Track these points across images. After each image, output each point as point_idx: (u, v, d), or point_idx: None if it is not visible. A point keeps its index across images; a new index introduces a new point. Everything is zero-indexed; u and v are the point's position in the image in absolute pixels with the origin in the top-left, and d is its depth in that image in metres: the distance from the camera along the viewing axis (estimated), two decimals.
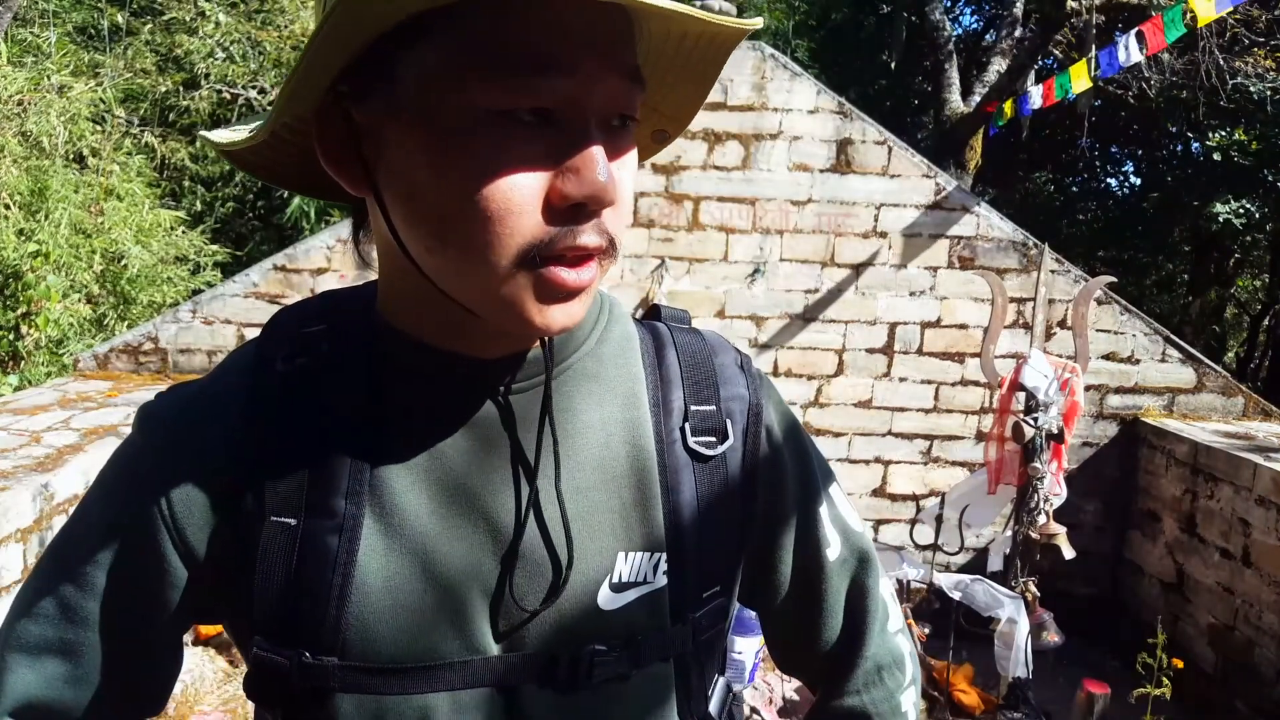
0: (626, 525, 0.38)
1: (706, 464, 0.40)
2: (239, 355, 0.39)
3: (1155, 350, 2.44)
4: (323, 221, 3.99)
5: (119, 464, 0.39)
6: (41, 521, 1.45)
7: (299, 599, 0.35)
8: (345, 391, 0.37)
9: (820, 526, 0.44)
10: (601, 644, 0.37)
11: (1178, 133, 6.00)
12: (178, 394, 0.39)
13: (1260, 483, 1.96)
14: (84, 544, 0.38)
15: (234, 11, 4.20)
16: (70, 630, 0.38)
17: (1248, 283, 7.23)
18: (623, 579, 0.38)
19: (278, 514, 0.35)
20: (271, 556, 0.35)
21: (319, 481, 0.35)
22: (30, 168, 2.98)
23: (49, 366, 2.84)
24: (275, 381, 0.37)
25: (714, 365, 0.42)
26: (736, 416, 0.41)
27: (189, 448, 0.37)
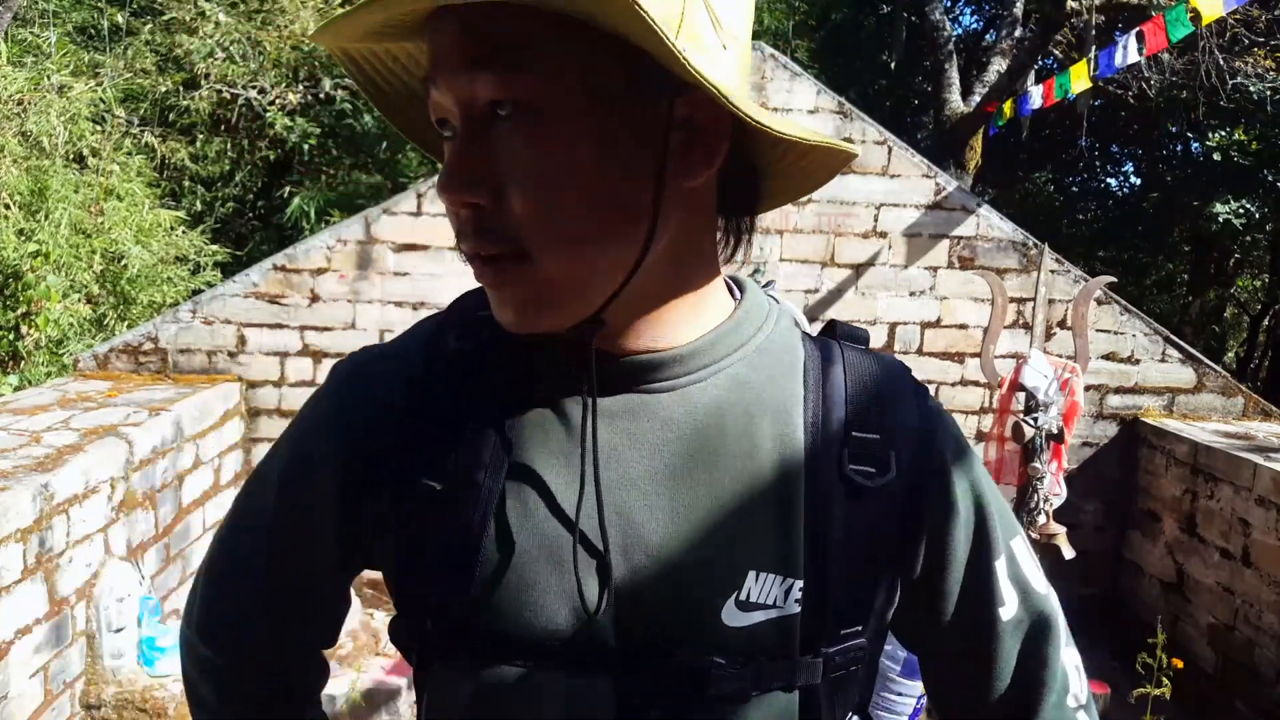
0: (761, 544, 0.37)
1: (862, 495, 0.38)
2: (421, 326, 0.42)
3: (1155, 350, 2.44)
4: (323, 221, 3.99)
5: (306, 411, 0.43)
6: (41, 521, 1.45)
7: (433, 560, 0.37)
8: (498, 374, 0.38)
9: (994, 581, 0.40)
10: (721, 657, 0.36)
11: (1178, 133, 6.00)
12: (366, 353, 0.42)
13: (1260, 483, 1.96)
14: (266, 480, 0.43)
15: (234, 11, 4.19)
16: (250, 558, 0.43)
17: (1247, 283, 7.23)
18: (750, 598, 0.37)
19: (427, 477, 0.37)
20: (414, 516, 0.38)
21: (465, 454, 0.37)
22: (30, 168, 2.98)
23: (49, 366, 2.84)
24: (444, 357, 0.39)
25: (884, 391, 0.39)
26: (902, 449, 0.38)
27: (361, 404, 0.40)
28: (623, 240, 0.34)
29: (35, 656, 1.45)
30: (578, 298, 0.35)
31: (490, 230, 0.33)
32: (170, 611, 1.96)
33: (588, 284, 0.34)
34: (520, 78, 0.31)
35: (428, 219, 2.35)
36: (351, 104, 4.38)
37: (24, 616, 1.42)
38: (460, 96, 0.32)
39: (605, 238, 0.34)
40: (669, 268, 0.37)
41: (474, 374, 0.38)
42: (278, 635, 0.44)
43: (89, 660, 1.62)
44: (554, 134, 0.32)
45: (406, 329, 0.42)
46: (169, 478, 1.94)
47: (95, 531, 1.64)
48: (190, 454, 2.05)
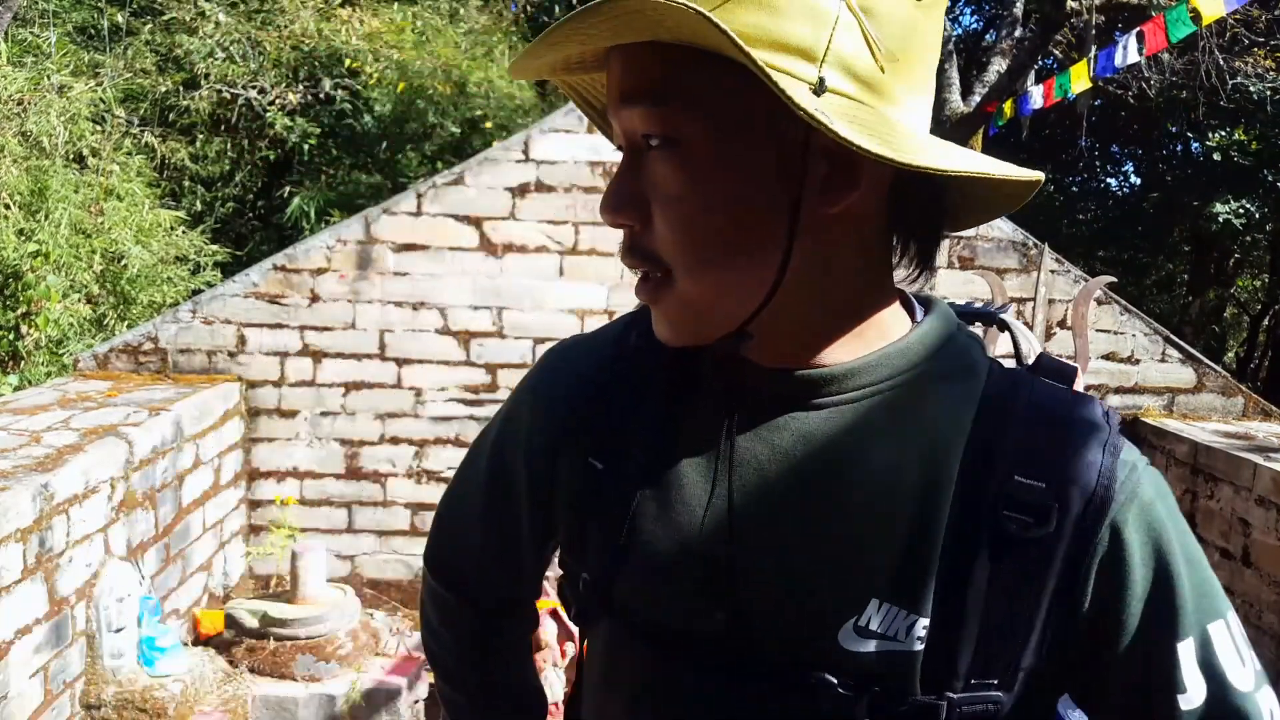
0: (889, 574, 0.36)
1: (1011, 544, 0.35)
2: (617, 322, 0.46)
3: (1155, 350, 2.44)
4: (323, 221, 3.99)
5: (518, 385, 0.49)
6: (41, 521, 1.45)
7: (586, 534, 0.42)
8: (666, 373, 0.41)
9: (1175, 667, 0.36)
10: (833, 677, 0.37)
11: (1177, 133, 6.00)
12: (574, 340, 0.47)
13: (1260, 483, 1.96)
14: (485, 441, 0.51)
15: (234, 12, 4.19)
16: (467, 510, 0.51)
17: (1247, 282, 7.23)
18: (870, 625, 0.36)
19: (592, 455, 0.42)
20: (576, 489, 0.42)
21: (627, 441, 0.41)
22: (30, 168, 2.98)
23: (49, 366, 2.84)
24: (627, 353, 0.43)
25: (1065, 436, 0.36)
26: (1070, 503, 0.35)
27: (557, 384, 0.45)
28: (756, 264, 0.35)
29: (35, 656, 1.45)
30: (716, 316, 0.37)
31: (639, 250, 0.37)
32: (170, 611, 1.96)
33: (723, 304, 0.36)
34: (662, 112, 0.34)
35: (428, 219, 2.35)
36: (351, 104, 4.38)
37: (24, 616, 1.42)
38: (622, 127, 0.36)
39: (738, 262, 0.35)
40: (819, 288, 0.37)
41: (646, 371, 0.42)
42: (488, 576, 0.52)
43: (89, 660, 1.62)
44: (691, 163, 0.34)
45: (613, 321, 0.47)
46: (169, 477, 1.95)
47: (95, 531, 1.64)
48: (190, 454, 2.05)
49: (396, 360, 2.38)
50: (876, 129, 0.32)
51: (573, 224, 2.37)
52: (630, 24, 0.32)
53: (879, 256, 0.38)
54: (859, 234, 0.37)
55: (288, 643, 1.94)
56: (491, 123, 4.30)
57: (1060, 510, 0.35)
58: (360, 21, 4.28)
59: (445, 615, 0.54)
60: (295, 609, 2.00)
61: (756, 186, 0.35)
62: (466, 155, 2.98)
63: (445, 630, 0.55)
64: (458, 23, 4.74)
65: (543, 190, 2.35)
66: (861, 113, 0.33)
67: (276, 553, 2.30)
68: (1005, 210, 0.40)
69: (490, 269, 2.37)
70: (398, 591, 2.45)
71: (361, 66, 4.21)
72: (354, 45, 4.20)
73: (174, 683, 1.74)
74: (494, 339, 2.39)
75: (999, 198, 0.39)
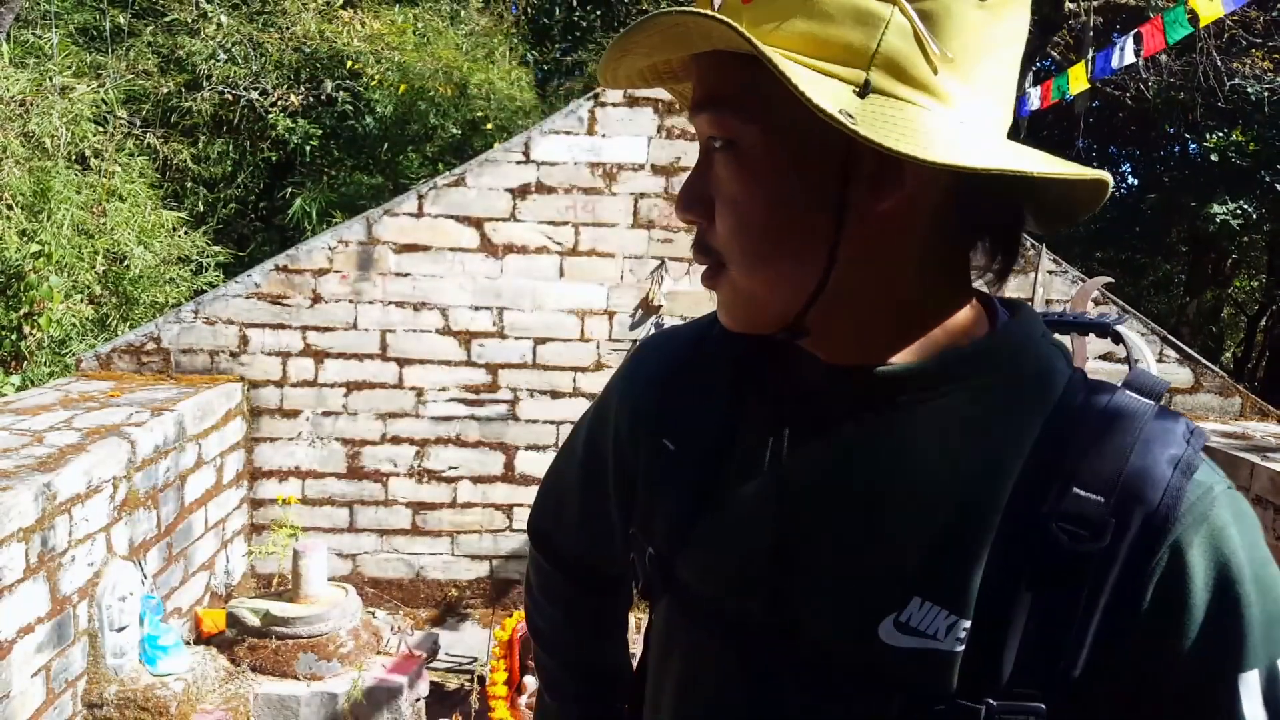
0: (933, 573, 0.36)
1: (1061, 555, 0.35)
2: (695, 322, 0.49)
3: (1153, 350, 2.45)
4: (324, 223, 4.00)
5: (614, 375, 0.53)
6: (44, 521, 1.46)
7: (658, 507, 0.45)
8: (735, 364, 0.44)
9: (1235, 698, 0.34)
10: (871, 671, 0.37)
11: (1175, 134, 6.02)
12: (664, 332, 0.51)
13: (1258, 482, 1.97)
14: (582, 423, 0.55)
15: (236, 13, 4.20)
16: (565, 485, 0.56)
17: (1245, 283, 7.24)
18: (910, 622, 0.36)
19: (665, 436, 0.45)
20: (649, 467, 0.46)
21: (698, 425, 0.44)
22: (33, 169, 2.99)
23: (51, 366, 2.85)
24: (708, 343, 0.46)
25: (1132, 448, 0.35)
26: (1129, 520, 0.34)
27: (644, 371, 0.49)
28: (805, 259, 0.37)
29: (37, 655, 1.46)
30: (768, 308, 0.39)
31: (702, 244, 0.40)
32: (172, 610, 1.97)
33: (774, 296, 0.39)
34: (722, 116, 0.37)
35: (429, 220, 2.36)
36: (353, 106, 4.39)
37: (26, 615, 1.42)
38: (697, 131, 0.39)
39: (785, 257, 0.37)
40: (878, 285, 0.38)
41: (719, 364, 0.45)
42: (584, 551, 0.56)
43: (91, 659, 1.62)
44: (747, 164, 0.37)
45: (700, 317, 0.49)
46: (171, 477, 1.95)
47: (97, 530, 1.65)
48: (192, 453, 2.06)
49: (398, 360, 2.39)
50: (910, 128, 0.33)
51: (573, 225, 2.38)
52: (681, 37, 0.35)
53: (945, 256, 0.38)
54: (917, 232, 0.37)
55: (289, 641, 1.95)
56: (492, 124, 4.31)
57: (1118, 526, 0.34)
58: (362, 23, 4.29)
59: (547, 585, 0.59)
60: (297, 608, 2.00)
61: (805, 185, 0.36)
62: (467, 156, 2.99)
63: (545, 600, 0.59)
64: (458, 25, 4.76)
65: (543, 191, 2.36)
66: (903, 112, 0.33)
67: (278, 552, 2.30)
68: (1085, 212, 0.40)
69: (491, 269, 2.38)
70: (399, 590, 2.46)
71: (363, 68, 4.22)
72: (355, 47, 4.21)
73: (176, 681, 1.75)
74: (494, 339, 2.40)
75: (1075, 199, 0.39)
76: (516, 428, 2.41)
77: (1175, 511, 0.34)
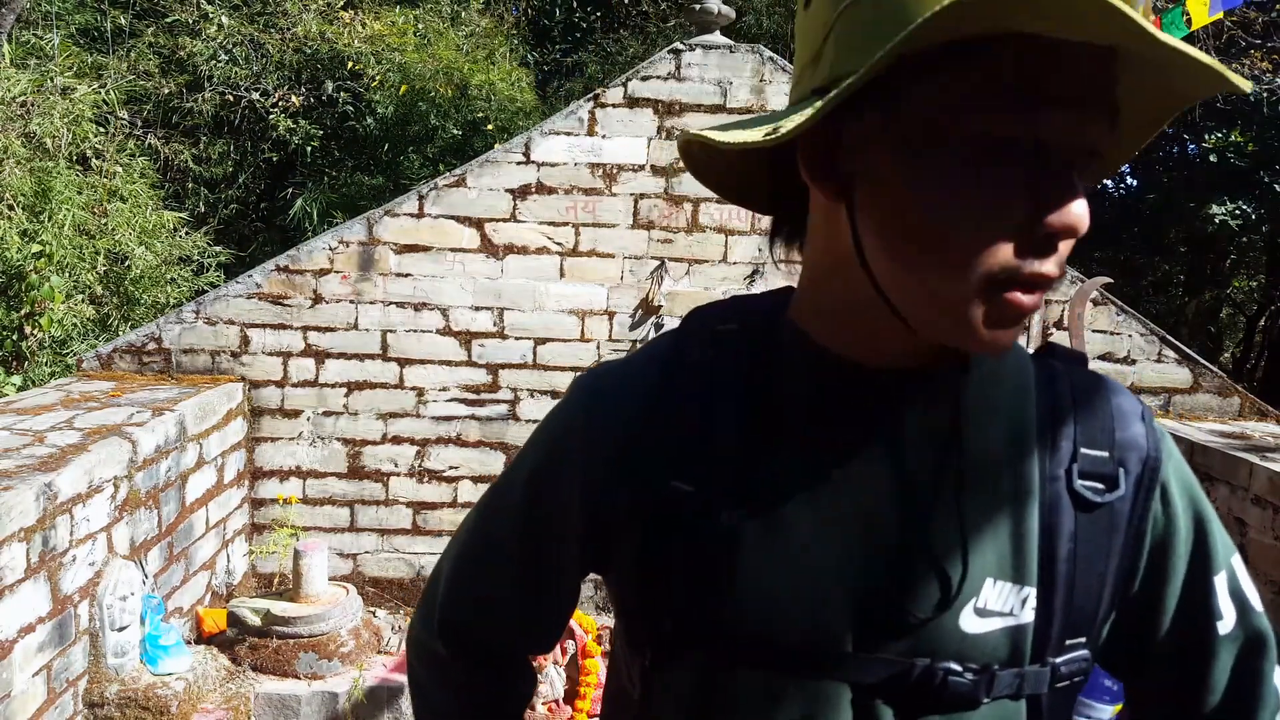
0: (999, 552, 0.38)
1: (1090, 511, 0.39)
2: (658, 342, 0.44)
3: (1151, 351, 2.45)
4: (325, 223, 4.00)
5: (551, 421, 0.45)
6: (45, 520, 1.46)
7: (684, 564, 0.39)
8: (749, 384, 0.40)
9: (1213, 597, 0.41)
10: (956, 664, 0.38)
11: (1174, 134, 6.02)
12: (606, 368, 0.45)
13: (1257, 482, 1.97)
14: (512, 487, 0.46)
15: (237, 14, 4.21)
16: (489, 556, 0.47)
17: (1244, 283, 7.24)
18: (988, 606, 0.38)
19: (676, 479, 0.39)
20: (667, 519, 0.39)
21: (717, 460, 0.39)
22: (34, 169, 2.99)
23: (52, 367, 2.85)
24: (688, 369, 0.41)
25: (1111, 410, 0.41)
26: (1131, 466, 0.40)
27: (607, 413, 0.42)
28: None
29: (38, 655, 1.46)
30: None
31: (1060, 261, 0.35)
32: (173, 610, 1.97)
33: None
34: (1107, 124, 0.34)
35: (429, 220, 2.37)
36: (354, 106, 4.40)
37: (27, 615, 1.42)
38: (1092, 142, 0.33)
39: None
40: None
41: (718, 384, 0.40)
42: (514, 631, 0.48)
43: (92, 659, 1.63)
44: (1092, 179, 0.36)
45: (643, 347, 0.45)
46: (172, 477, 1.95)
47: (98, 530, 1.65)
48: (193, 453, 2.06)
49: (398, 360, 2.39)
50: None
51: (573, 225, 2.39)
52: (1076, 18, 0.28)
53: None
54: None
55: (290, 641, 1.95)
56: (493, 125, 4.32)
57: (1125, 474, 0.39)
58: (362, 24, 4.30)
59: (451, 680, 0.50)
60: (298, 607, 2.00)
61: None
62: (468, 157, 3.00)
63: (449, 695, 0.50)
64: (459, 26, 4.76)
65: (543, 192, 2.37)
66: None
67: (279, 551, 2.30)
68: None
69: (491, 270, 2.38)
70: (399, 590, 2.46)
71: (364, 69, 4.23)
72: (356, 48, 4.22)
73: (177, 681, 1.75)
74: (495, 339, 2.40)
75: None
76: (517, 428, 2.42)
77: (1159, 455, 0.41)
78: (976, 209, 0.32)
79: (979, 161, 0.32)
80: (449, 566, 0.49)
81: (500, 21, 5.10)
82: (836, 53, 0.33)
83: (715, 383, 0.40)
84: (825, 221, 0.38)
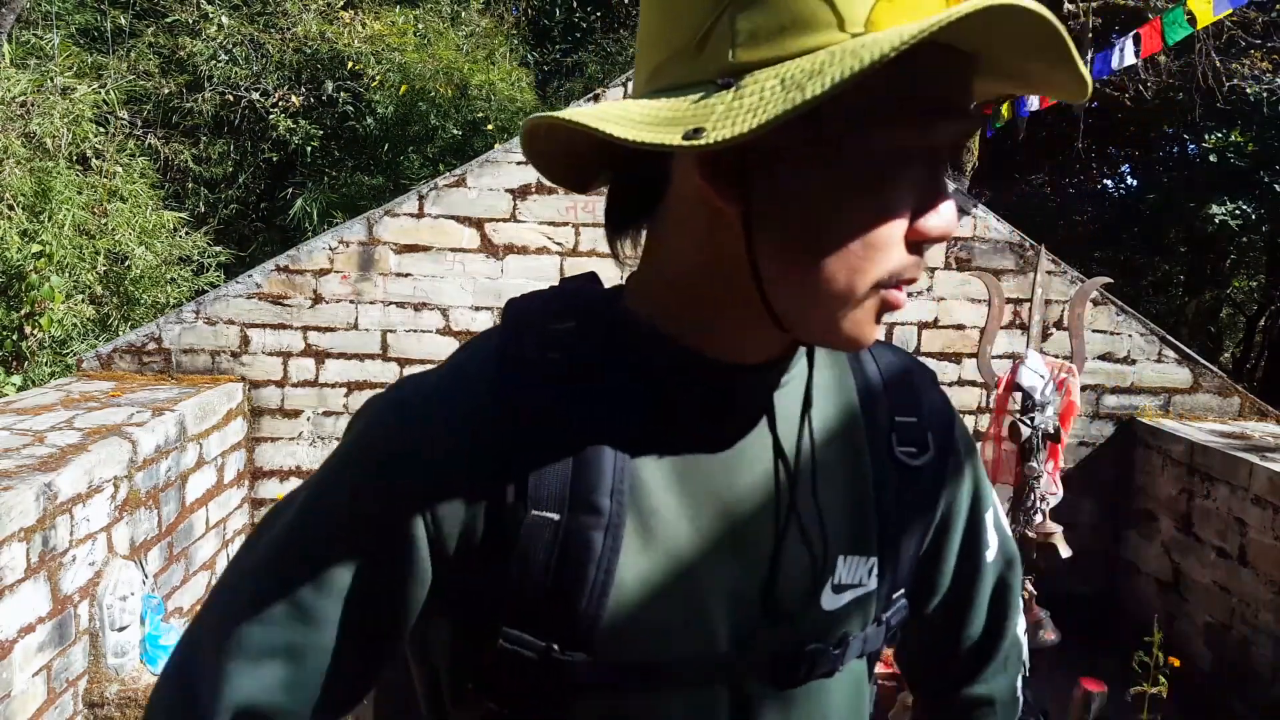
0: (848, 529, 0.40)
1: (907, 474, 0.42)
2: (481, 347, 0.38)
3: (1151, 350, 2.45)
4: (325, 223, 4.00)
5: (363, 454, 0.36)
6: (45, 520, 1.46)
7: (557, 593, 0.35)
8: (605, 389, 0.36)
9: (985, 531, 0.47)
10: (820, 643, 0.39)
11: (1174, 134, 6.03)
12: (423, 383, 0.37)
13: (1256, 482, 1.97)
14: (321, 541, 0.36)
15: (237, 14, 4.21)
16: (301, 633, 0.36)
17: (1243, 283, 7.24)
18: (842, 581, 0.39)
19: (540, 508, 0.35)
20: (533, 549, 0.35)
21: (582, 477, 0.35)
22: (34, 169, 2.99)
23: (52, 367, 2.85)
24: (530, 374, 0.36)
25: (912, 379, 0.44)
26: (936, 429, 0.43)
27: (445, 438, 0.35)
28: None
29: (38, 655, 1.46)
30: None
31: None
32: (173, 610, 1.97)
33: None
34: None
35: (429, 220, 2.37)
36: (354, 106, 4.40)
37: (27, 615, 1.42)
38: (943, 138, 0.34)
39: None
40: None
41: (569, 391, 0.36)
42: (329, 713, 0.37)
43: (92, 658, 1.63)
44: None
45: (453, 359, 0.39)
46: (172, 477, 1.95)
47: (98, 530, 1.65)
48: (193, 453, 2.06)
49: (398, 360, 2.39)
50: None
51: (573, 225, 2.39)
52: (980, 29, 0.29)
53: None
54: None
55: None
56: (493, 125, 4.32)
57: (932, 435, 0.43)
58: (362, 24, 4.30)
59: None
60: None
61: None
62: (468, 157, 3.00)
63: None
64: (459, 26, 4.77)
65: (543, 192, 2.37)
66: None
67: None
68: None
69: (491, 270, 2.38)
70: None
71: (364, 69, 4.23)
72: (356, 48, 4.22)
73: None
74: None
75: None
76: None
77: (951, 415, 0.45)
78: (879, 217, 0.33)
79: (883, 172, 0.32)
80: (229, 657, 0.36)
81: (500, 21, 5.10)
82: (753, 42, 0.31)
83: (567, 390, 0.36)
84: (707, 222, 0.35)
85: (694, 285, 0.37)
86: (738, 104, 0.30)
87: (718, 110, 0.30)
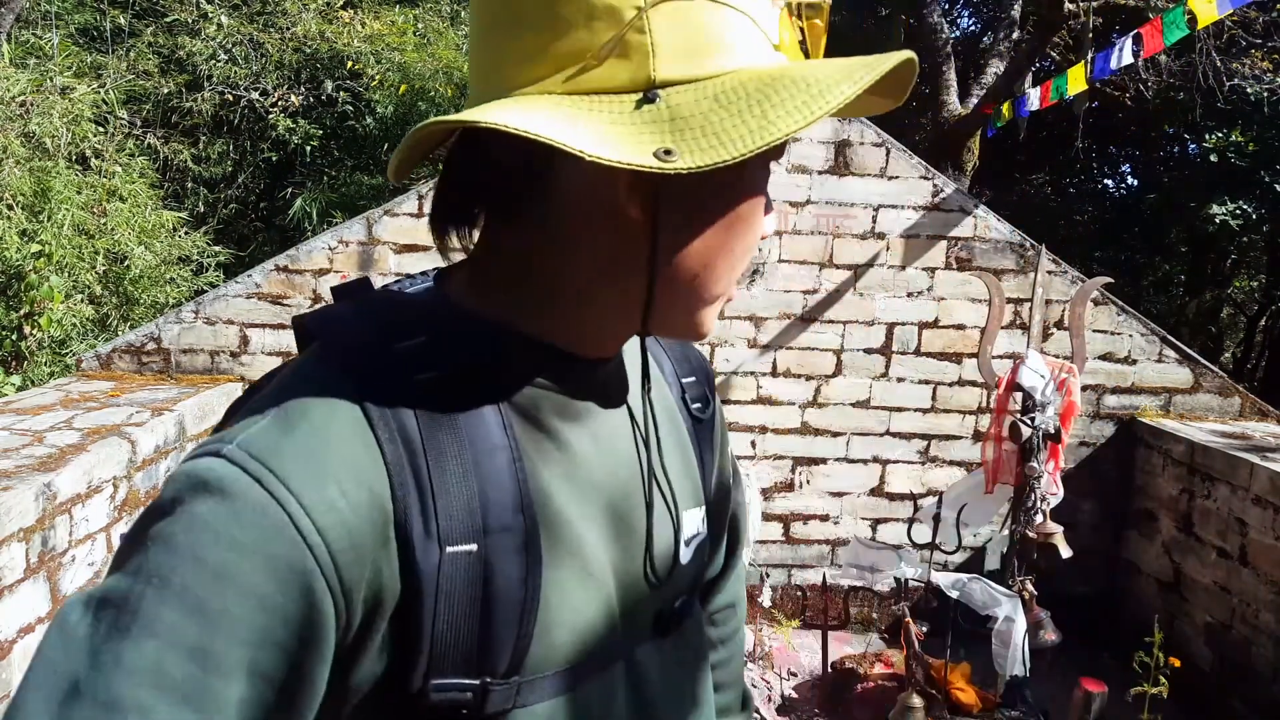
0: (690, 485, 0.45)
1: (701, 426, 0.48)
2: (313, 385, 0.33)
3: (1152, 350, 2.45)
4: (325, 223, 4.00)
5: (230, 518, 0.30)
6: (44, 521, 1.46)
7: (487, 625, 0.33)
8: (479, 402, 0.35)
9: (730, 462, 0.54)
10: (686, 595, 0.45)
11: (1175, 134, 6.03)
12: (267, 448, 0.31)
13: (1257, 482, 1.97)
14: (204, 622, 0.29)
15: (236, 14, 4.21)
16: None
17: (1244, 283, 7.24)
18: (689, 534, 0.44)
19: (454, 543, 0.32)
20: (455, 587, 0.32)
21: (489, 500, 0.34)
22: (33, 169, 2.99)
23: (52, 367, 2.85)
24: (398, 406, 0.33)
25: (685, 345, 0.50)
26: (708, 383, 0.50)
27: (332, 481, 0.31)
28: None
29: None
30: None
31: None
32: None
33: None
34: None
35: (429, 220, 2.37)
36: (353, 106, 4.40)
37: (26, 615, 1.42)
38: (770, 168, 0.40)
39: None
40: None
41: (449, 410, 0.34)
42: None
43: None
44: None
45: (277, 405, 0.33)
46: None
47: (98, 531, 1.65)
48: None
49: None
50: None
51: None
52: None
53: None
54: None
55: None
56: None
57: (709, 390, 0.49)
58: (362, 24, 4.30)
59: None
60: None
61: None
62: None
63: None
64: (459, 25, 4.76)
65: None
66: None
67: None
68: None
69: None
70: None
71: (363, 68, 4.23)
72: (356, 47, 4.22)
73: None
74: None
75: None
76: None
77: (710, 367, 0.52)
78: (757, 227, 0.38)
79: (759, 191, 0.37)
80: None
81: None
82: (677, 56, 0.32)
83: (447, 409, 0.34)
84: (607, 226, 0.35)
85: (573, 284, 0.37)
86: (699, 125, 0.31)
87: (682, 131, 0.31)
